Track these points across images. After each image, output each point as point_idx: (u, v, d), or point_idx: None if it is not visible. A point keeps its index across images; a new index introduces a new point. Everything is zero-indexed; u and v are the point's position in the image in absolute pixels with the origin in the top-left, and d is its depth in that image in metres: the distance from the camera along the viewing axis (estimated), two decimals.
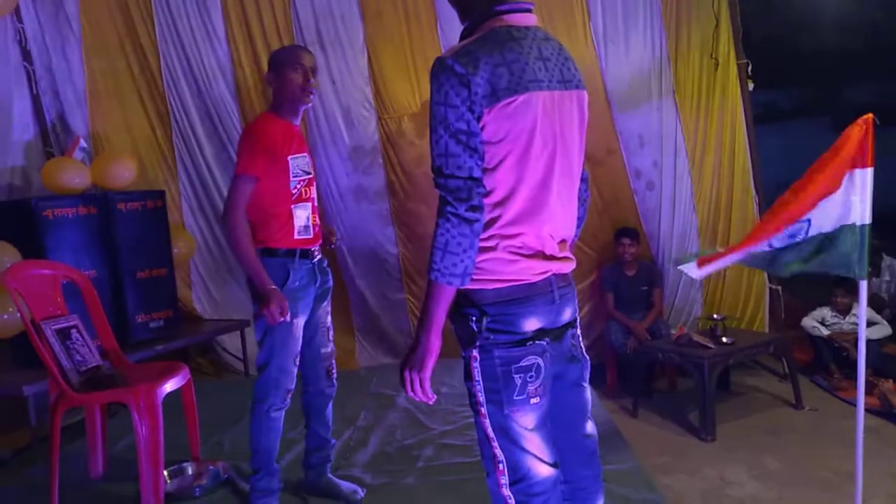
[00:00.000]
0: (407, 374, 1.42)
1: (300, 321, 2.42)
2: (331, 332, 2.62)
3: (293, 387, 2.45)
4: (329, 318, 2.61)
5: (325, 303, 2.58)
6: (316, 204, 2.51)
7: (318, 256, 2.51)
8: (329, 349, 2.60)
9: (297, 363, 2.45)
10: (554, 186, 1.44)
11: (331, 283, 2.59)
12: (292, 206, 2.38)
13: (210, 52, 4.52)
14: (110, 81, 4.61)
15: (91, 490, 2.84)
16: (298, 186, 2.39)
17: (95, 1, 4.48)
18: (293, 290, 2.36)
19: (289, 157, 2.36)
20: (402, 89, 4.53)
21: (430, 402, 1.46)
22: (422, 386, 1.42)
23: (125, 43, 4.55)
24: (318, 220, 2.50)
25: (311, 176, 2.46)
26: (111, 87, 4.61)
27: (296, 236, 2.39)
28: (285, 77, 2.36)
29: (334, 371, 2.62)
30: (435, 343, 1.41)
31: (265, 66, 4.46)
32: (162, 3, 4.47)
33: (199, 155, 4.69)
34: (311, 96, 2.40)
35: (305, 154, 2.46)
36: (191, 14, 4.48)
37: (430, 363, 1.42)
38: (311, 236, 2.44)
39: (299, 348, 2.44)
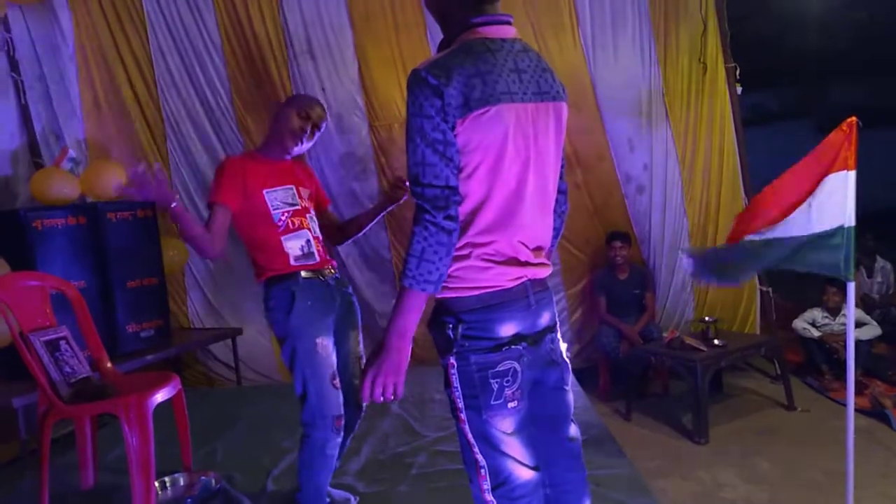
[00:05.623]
0: (381, 380, 1.42)
1: (324, 341, 2.31)
2: (362, 362, 2.51)
3: (341, 412, 2.29)
4: (360, 348, 2.52)
5: (356, 332, 2.50)
6: (316, 234, 2.43)
7: (335, 276, 2.43)
8: None
9: (338, 385, 2.30)
10: (527, 196, 1.45)
11: (357, 308, 2.51)
12: (281, 238, 2.34)
13: (207, 59, 4.52)
14: (105, 90, 4.60)
15: (82, 502, 2.82)
16: (283, 218, 2.34)
17: (88, 10, 4.48)
18: (306, 310, 2.29)
19: (264, 192, 2.33)
20: (392, 97, 4.52)
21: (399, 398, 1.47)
22: (395, 390, 1.43)
23: (120, 52, 4.55)
24: (321, 247, 2.42)
25: (297, 207, 2.39)
26: (106, 95, 4.60)
27: (293, 263, 2.34)
28: (286, 115, 2.36)
29: (365, 403, 2.50)
30: (408, 349, 1.43)
31: (260, 75, 4.54)
32: (156, 12, 4.47)
33: (196, 163, 4.68)
34: (301, 144, 2.39)
35: (291, 186, 2.40)
36: (186, 22, 4.47)
37: (405, 367, 1.44)
38: (314, 262, 2.37)
39: (334, 369, 2.32)
